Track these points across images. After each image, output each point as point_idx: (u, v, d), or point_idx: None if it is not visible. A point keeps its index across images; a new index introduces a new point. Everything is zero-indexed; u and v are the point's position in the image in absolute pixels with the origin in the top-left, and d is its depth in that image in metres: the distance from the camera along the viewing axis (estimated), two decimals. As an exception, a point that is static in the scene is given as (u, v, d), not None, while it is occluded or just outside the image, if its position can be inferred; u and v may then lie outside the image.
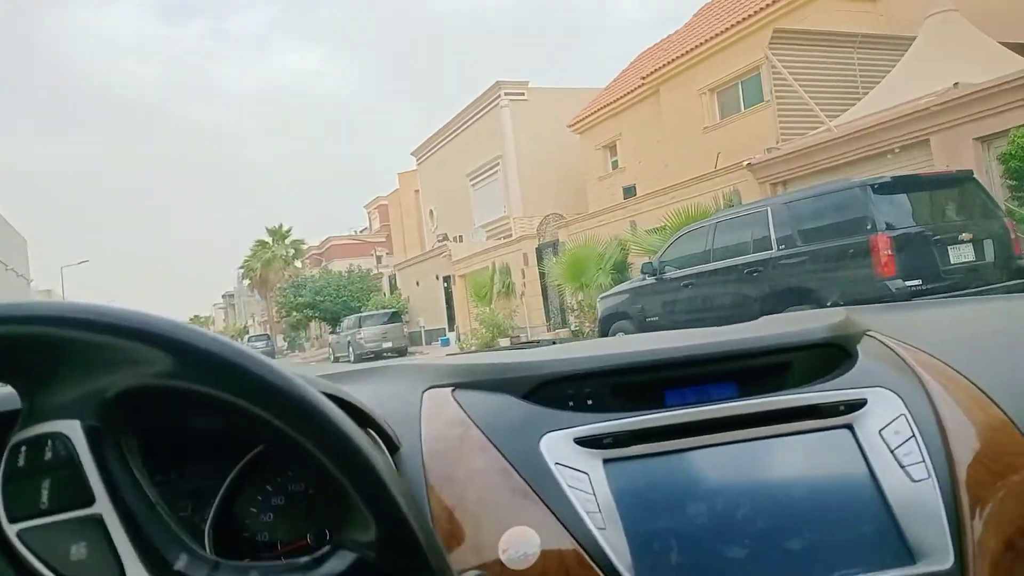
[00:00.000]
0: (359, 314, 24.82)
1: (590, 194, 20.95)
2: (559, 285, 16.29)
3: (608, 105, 20.31)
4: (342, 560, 0.40)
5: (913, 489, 0.64)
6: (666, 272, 8.13)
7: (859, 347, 0.79)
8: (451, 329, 23.43)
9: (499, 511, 0.62)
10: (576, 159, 22.46)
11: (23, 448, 0.40)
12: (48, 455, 0.39)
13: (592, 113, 21.03)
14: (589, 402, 0.72)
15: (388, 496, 0.39)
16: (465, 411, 0.72)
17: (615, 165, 20.93)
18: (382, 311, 24.49)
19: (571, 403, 0.72)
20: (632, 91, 19.41)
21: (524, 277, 18.83)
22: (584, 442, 0.67)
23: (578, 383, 0.73)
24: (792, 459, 0.68)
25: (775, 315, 1.15)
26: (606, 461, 0.66)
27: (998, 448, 0.69)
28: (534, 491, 0.63)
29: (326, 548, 0.41)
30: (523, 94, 24.72)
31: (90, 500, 0.38)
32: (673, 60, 17.40)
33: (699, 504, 0.64)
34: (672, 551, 0.61)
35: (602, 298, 9.45)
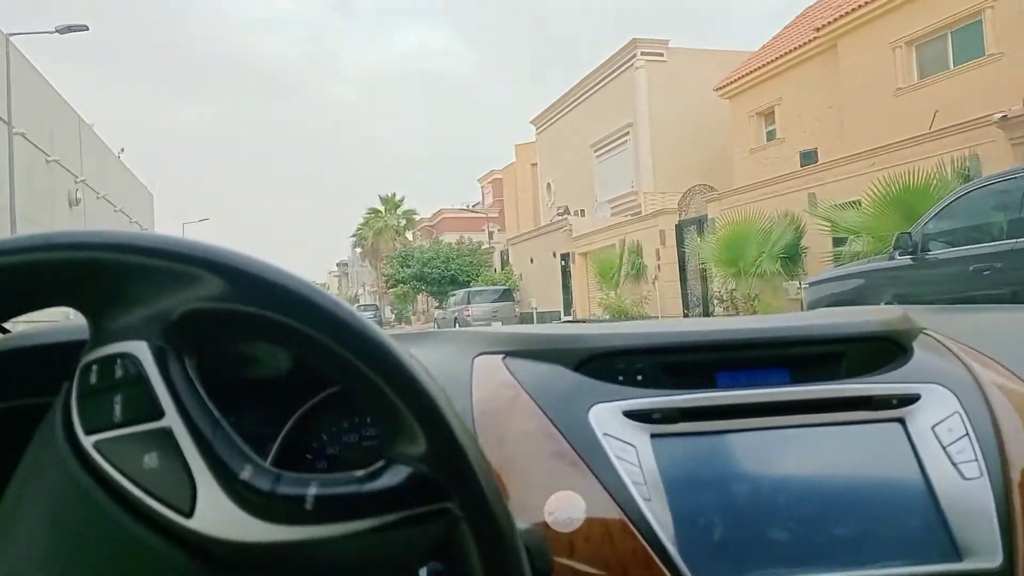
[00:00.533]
0: (468, 289, 23.25)
1: (738, 167, 18.15)
2: (705, 269, 13.79)
3: (766, 65, 17.38)
4: (397, 473, 0.41)
5: (964, 487, 0.63)
6: (933, 249, 5.70)
7: (915, 343, 0.79)
8: (567, 313, 21.38)
9: (546, 475, 0.63)
10: (720, 128, 19.66)
11: (94, 367, 0.42)
12: (119, 373, 0.41)
13: (746, 75, 18.14)
14: (639, 377, 0.72)
15: (437, 411, 0.40)
16: (515, 377, 0.73)
17: (771, 136, 18.01)
18: (493, 287, 22.86)
19: (621, 377, 0.72)
20: (799, 47, 16.40)
21: (659, 259, 16.37)
22: (633, 415, 0.67)
23: (629, 358, 0.74)
24: (841, 448, 0.67)
25: (832, 308, 0.78)
26: (654, 436, 0.66)
27: None
28: (581, 459, 0.64)
29: (380, 463, 0.42)
30: (662, 54, 22.02)
31: (160, 414, 0.40)
32: (860, 6, 14.29)
33: (744, 485, 0.64)
34: (715, 527, 0.61)
35: (813, 284, 6.93)
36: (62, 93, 26.70)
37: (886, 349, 0.77)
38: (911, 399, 0.69)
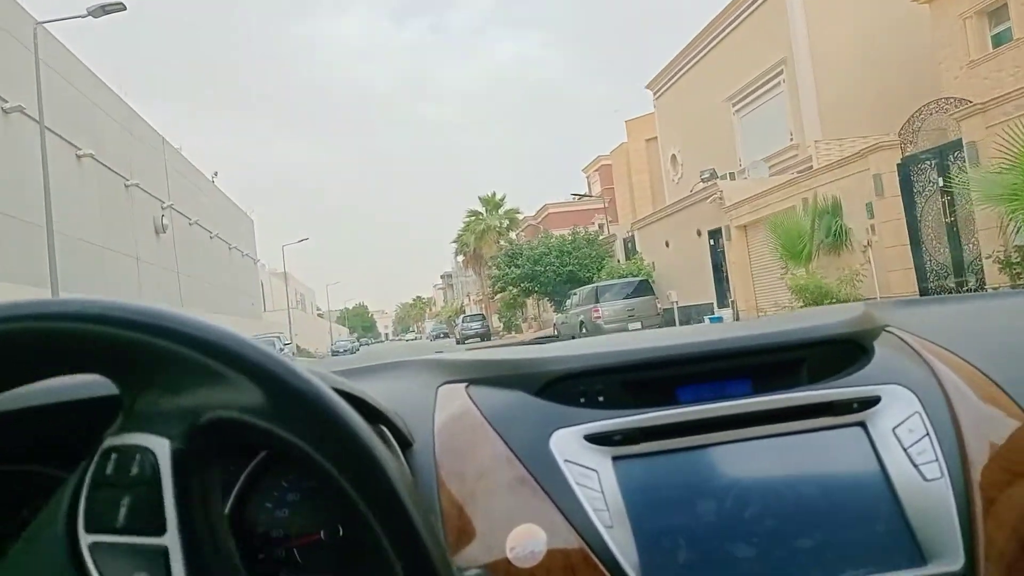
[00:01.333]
0: (595, 284, 19.18)
1: (950, 91, 13.20)
2: (954, 223, 9.15)
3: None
4: None
5: (925, 488, 0.63)
6: None
7: (876, 343, 0.78)
8: (722, 305, 16.99)
9: (508, 508, 0.62)
10: (909, 50, 14.77)
11: (113, 455, 0.41)
12: (134, 470, 0.41)
13: (957, -39, 13.21)
14: (600, 399, 0.72)
15: (401, 508, 0.40)
16: (478, 407, 0.72)
17: (997, 40, 13.01)
18: (624, 280, 18.63)
19: (582, 399, 0.72)
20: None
21: (872, 216, 11.72)
22: (594, 439, 0.66)
23: (590, 379, 0.73)
24: (804, 457, 0.67)
25: (795, 312, 0.89)
26: (615, 458, 0.65)
27: (1015, 447, 0.67)
28: (542, 488, 0.63)
29: None
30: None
31: (161, 529, 0.39)
32: None
33: (708, 502, 0.63)
34: (680, 550, 0.61)
35: None
36: (157, 122, 26.99)
37: (847, 351, 0.76)
38: (872, 401, 0.69)
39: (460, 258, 49.21)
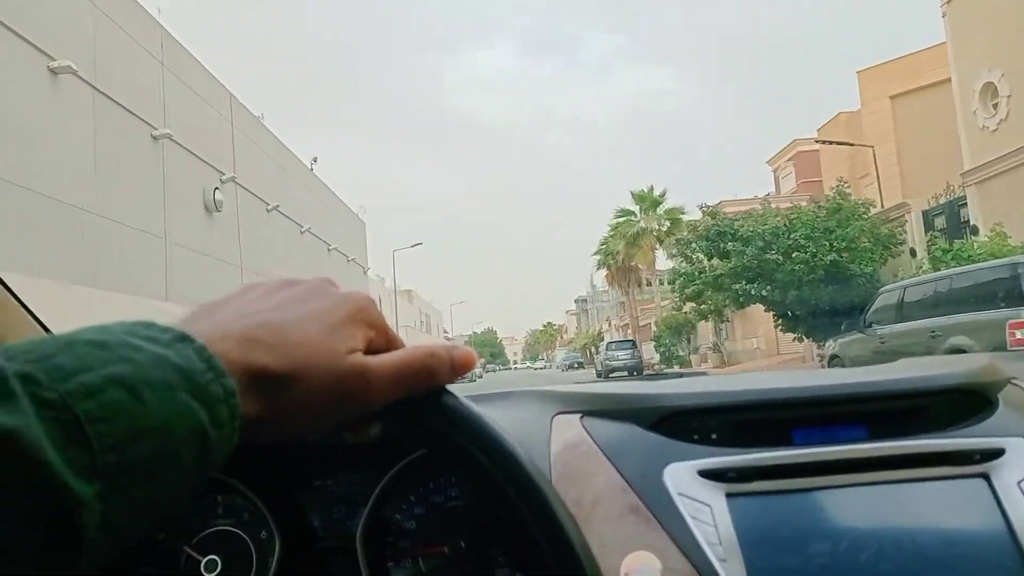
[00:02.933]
0: (936, 278, 9.73)
1: None
2: None
3: None
4: None
5: None
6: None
7: (1000, 395, 0.76)
8: None
9: (622, 535, 0.63)
10: None
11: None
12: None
13: None
14: (713, 436, 0.72)
15: (559, 523, 0.44)
16: (592, 437, 0.73)
17: None
18: (988, 266, 9.11)
19: (695, 436, 0.72)
20: None
21: None
22: (707, 474, 0.67)
23: (704, 417, 0.73)
24: (923, 506, 0.66)
25: (914, 359, 1.07)
26: (729, 495, 0.66)
27: None
28: (656, 518, 0.64)
29: None
30: None
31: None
32: None
33: (822, 544, 0.63)
34: None
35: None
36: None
37: (970, 401, 0.75)
38: (996, 453, 0.67)
39: (603, 273, 40.48)
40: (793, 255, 14.84)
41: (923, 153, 20.29)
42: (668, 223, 31.93)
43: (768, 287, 15.48)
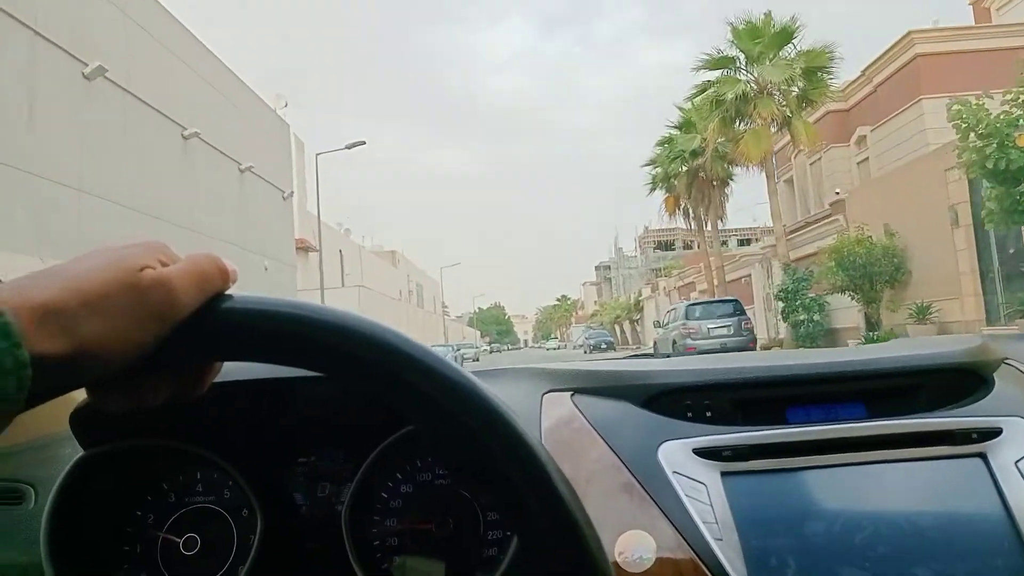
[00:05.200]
0: None
1: None
2: None
3: None
4: None
5: None
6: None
7: (996, 374, 0.76)
8: None
9: (616, 514, 0.62)
10: None
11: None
12: None
13: None
14: (708, 414, 0.71)
15: (545, 472, 0.37)
16: (584, 415, 0.72)
17: None
18: None
19: (690, 414, 0.71)
20: None
21: None
22: (703, 453, 0.66)
23: (698, 395, 0.73)
24: (919, 485, 0.66)
25: (908, 338, 0.93)
26: (724, 474, 0.65)
27: None
28: (651, 497, 0.63)
29: None
30: None
31: None
32: None
33: (818, 523, 0.62)
34: (788, 568, 0.60)
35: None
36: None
37: (966, 381, 0.75)
38: (993, 433, 0.67)
39: (662, 196, 24.84)
40: None
41: None
42: (802, 78, 16.48)
43: None
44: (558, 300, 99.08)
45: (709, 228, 23.46)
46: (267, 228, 19.23)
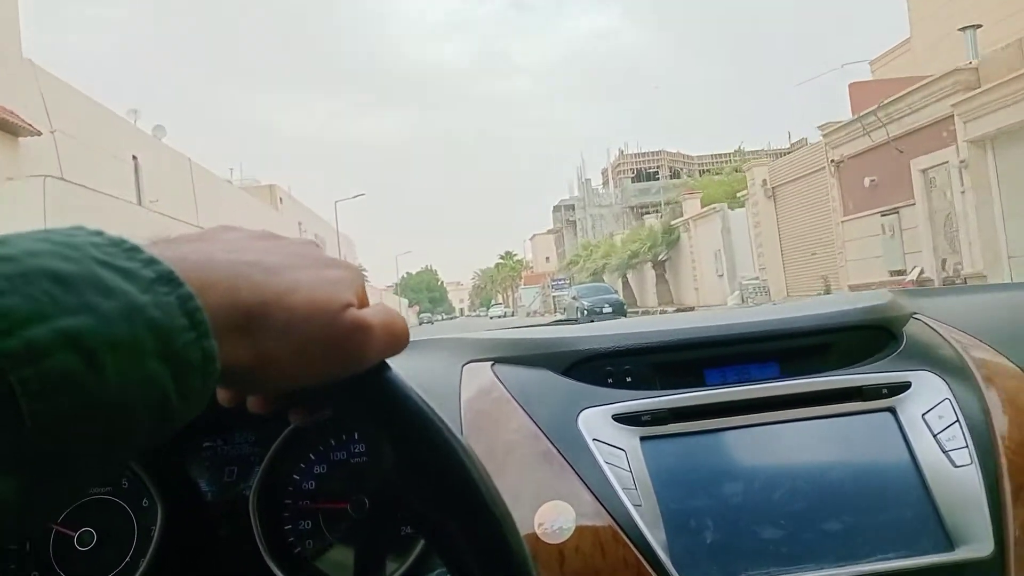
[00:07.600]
0: None
1: None
2: None
3: None
4: None
5: (955, 475, 0.63)
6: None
7: (905, 330, 0.77)
8: None
9: (536, 485, 0.62)
10: None
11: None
12: None
13: None
14: (628, 379, 0.72)
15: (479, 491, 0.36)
16: (504, 385, 0.72)
17: None
18: None
19: (610, 380, 0.72)
20: None
21: None
22: (622, 419, 0.67)
23: (617, 360, 0.73)
24: (832, 441, 0.67)
25: (821, 296, 0.91)
26: (643, 439, 0.66)
27: None
28: (571, 466, 0.63)
29: None
30: None
31: None
32: None
33: (736, 484, 0.63)
34: (708, 530, 0.61)
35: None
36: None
37: (876, 336, 0.76)
38: (902, 387, 0.68)
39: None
40: None
41: None
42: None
43: None
44: (501, 257, 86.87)
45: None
46: None
